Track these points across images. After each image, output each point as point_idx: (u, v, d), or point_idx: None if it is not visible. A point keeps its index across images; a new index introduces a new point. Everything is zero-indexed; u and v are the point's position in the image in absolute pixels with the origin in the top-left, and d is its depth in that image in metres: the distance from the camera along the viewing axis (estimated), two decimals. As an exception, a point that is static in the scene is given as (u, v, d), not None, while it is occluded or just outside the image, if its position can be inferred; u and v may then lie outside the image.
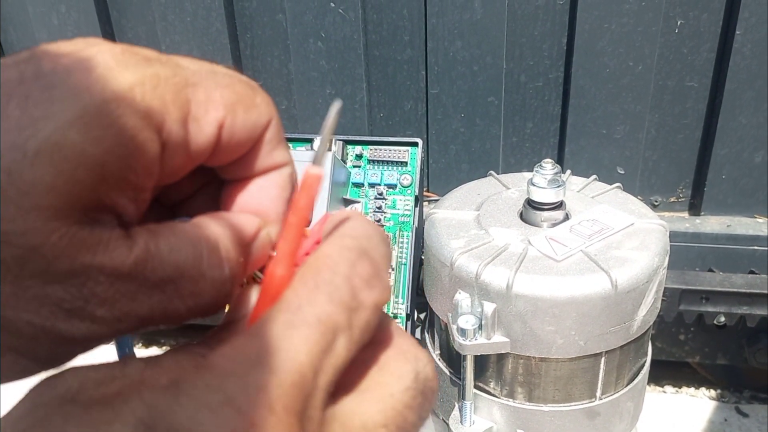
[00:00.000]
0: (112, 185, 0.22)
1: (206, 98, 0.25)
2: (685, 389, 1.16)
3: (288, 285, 0.23)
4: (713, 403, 1.11)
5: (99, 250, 0.22)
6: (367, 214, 0.72)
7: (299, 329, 0.21)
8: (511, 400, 0.61)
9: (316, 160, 0.25)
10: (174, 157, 0.25)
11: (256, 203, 0.28)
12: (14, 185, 0.20)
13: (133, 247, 0.23)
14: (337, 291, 0.23)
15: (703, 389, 1.15)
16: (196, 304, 0.24)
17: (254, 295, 0.26)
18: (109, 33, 1.07)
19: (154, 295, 0.23)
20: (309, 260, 0.24)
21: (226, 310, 0.27)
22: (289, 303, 0.22)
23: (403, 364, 0.25)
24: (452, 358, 0.64)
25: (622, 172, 1.03)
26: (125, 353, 0.27)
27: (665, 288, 0.84)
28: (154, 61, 0.25)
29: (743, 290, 0.91)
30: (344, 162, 0.73)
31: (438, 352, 0.67)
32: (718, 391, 1.15)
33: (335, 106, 0.26)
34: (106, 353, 0.24)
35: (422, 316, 0.73)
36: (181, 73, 0.25)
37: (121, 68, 0.23)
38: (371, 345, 0.24)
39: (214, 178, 0.29)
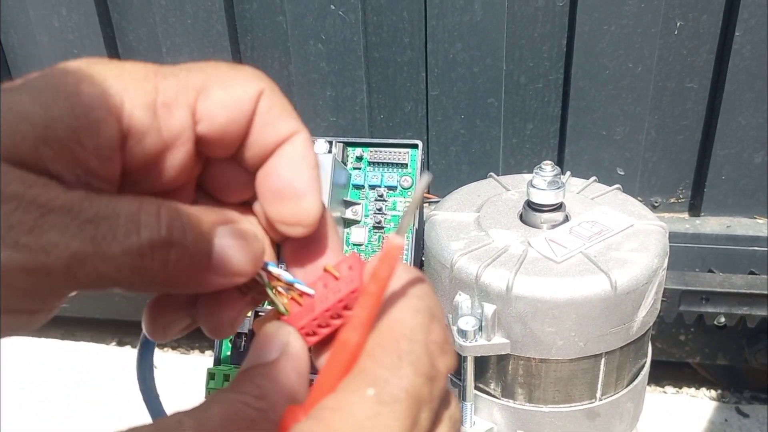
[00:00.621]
0: (56, 152, 0.23)
1: (176, 85, 0.25)
2: (685, 389, 1.16)
3: (362, 352, 0.23)
4: (714, 404, 1.11)
5: (35, 185, 0.22)
6: (367, 216, 0.72)
7: (390, 406, 0.21)
8: (511, 401, 0.61)
9: (400, 230, 0.25)
10: (145, 144, 0.25)
11: (282, 183, 0.27)
12: None
13: (70, 192, 0.23)
14: (419, 361, 0.23)
15: (703, 389, 1.15)
16: (131, 245, 0.22)
17: (282, 334, 0.26)
18: (110, 35, 1.07)
19: (86, 230, 0.22)
20: (383, 326, 0.23)
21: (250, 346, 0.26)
22: (375, 376, 0.22)
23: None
24: (453, 359, 0.65)
25: (622, 173, 1.03)
26: (157, 412, 0.27)
27: (665, 289, 0.84)
28: (126, 62, 0.26)
29: (743, 291, 0.91)
30: (344, 164, 0.73)
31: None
32: (719, 391, 1.15)
33: (425, 179, 0.25)
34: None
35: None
36: (150, 67, 0.25)
37: (90, 64, 0.24)
38: None
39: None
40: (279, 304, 0.27)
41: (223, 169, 0.29)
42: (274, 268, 0.27)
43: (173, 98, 0.25)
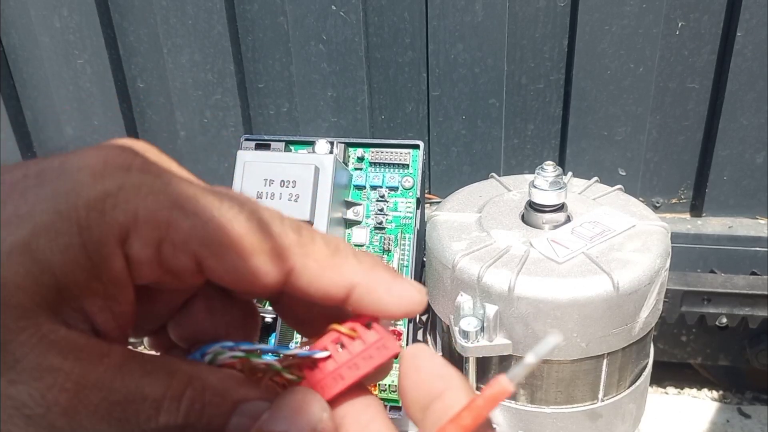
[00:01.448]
0: (78, 292, 0.22)
1: (192, 226, 0.23)
2: (687, 390, 1.16)
3: None
4: (715, 405, 1.11)
5: (70, 353, 0.22)
6: (369, 217, 0.72)
7: None
8: (513, 402, 0.61)
9: (513, 377, 0.24)
10: (144, 271, 0.24)
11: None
12: None
13: (107, 357, 0.22)
14: None
15: (705, 390, 1.15)
16: (148, 430, 0.23)
17: (316, 410, 0.25)
18: (110, 36, 1.07)
19: (114, 412, 0.22)
20: None
21: None
22: None
23: None
24: (454, 360, 0.64)
25: (624, 173, 1.03)
26: None
27: (667, 289, 0.84)
28: (149, 174, 0.24)
29: (745, 291, 0.91)
30: (346, 164, 0.73)
31: (440, 353, 0.67)
32: (720, 392, 1.14)
33: (553, 340, 0.24)
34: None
35: (424, 318, 0.73)
36: (171, 191, 0.23)
37: (103, 176, 0.23)
38: None
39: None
40: (295, 378, 0.26)
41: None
42: (286, 351, 0.26)
43: (182, 242, 0.23)
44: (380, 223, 0.71)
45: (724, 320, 0.94)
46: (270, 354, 0.27)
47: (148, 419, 0.22)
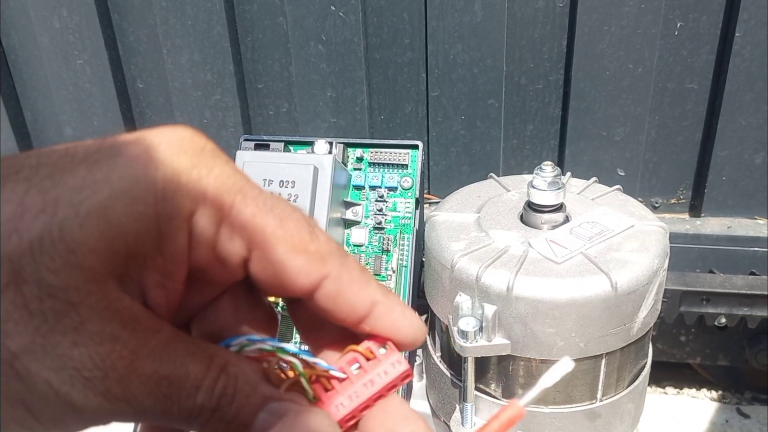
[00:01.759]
0: (142, 263, 0.23)
1: (252, 213, 0.24)
2: (686, 390, 1.16)
3: None
4: (714, 405, 1.11)
5: (129, 323, 0.23)
6: (368, 217, 0.72)
7: None
8: (511, 401, 0.61)
9: (525, 401, 0.25)
10: (200, 251, 0.25)
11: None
12: (64, 241, 0.21)
13: (159, 333, 0.23)
14: None
15: (704, 390, 1.15)
16: (187, 407, 0.24)
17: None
18: (110, 37, 1.07)
19: (161, 387, 0.23)
20: None
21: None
22: None
23: None
24: (453, 360, 0.65)
25: (623, 174, 1.03)
26: None
27: (666, 289, 0.84)
28: (219, 158, 0.25)
29: (744, 291, 0.91)
30: (345, 165, 0.73)
31: (439, 354, 0.67)
32: (719, 392, 1.15)
33: (565, 366, 0.26)
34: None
35: (423, 318, 0.74)
36: (238, 179, 0.25)
37: (179, 152, 0.24)
38: None
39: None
40: (310, 392, 0.27)
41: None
42: (309, 357, 0.27)
43: (240, 226, 0.24)
44: (379, 223, 0.71)
45: (723, 320, 0.94)
46: (292, 355, 0.27)
47: (188, 397, 0.23)
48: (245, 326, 0.28)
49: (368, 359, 0.27)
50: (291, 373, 0.27)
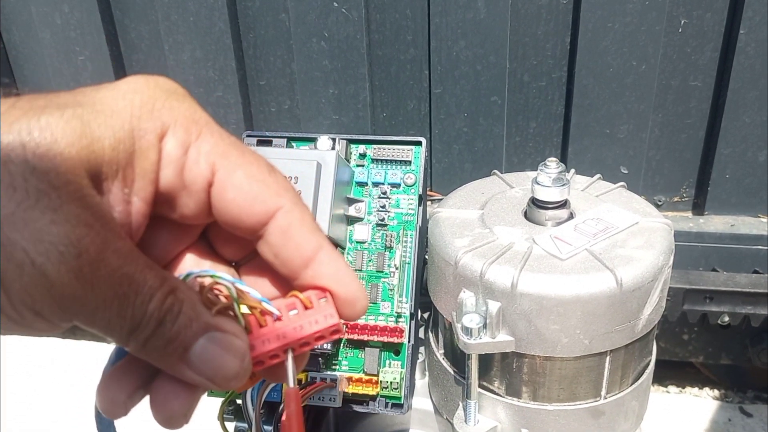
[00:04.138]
0: (114, 173, 0.26)
1: (216, 142, 0.28)
2: (688, 389, 1.16)
3: None
4: (717, 403, 1.11)
5: (101, 218, 0.25)
6: (371, 213, 0.72)
7: None
8: (515, 399, 0.61)
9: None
10: (167, 171, 0.28)
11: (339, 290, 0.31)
12: (49, 130, 0.25)
13: (125, 240, 0.26)
14: None
15: (706, 389, 1.15)
16: (138, 312, 0.26)
17: (240, 349, 0.28)
18: (111, 33, 1.07)
19: (122, 285, 0.25)
20: None
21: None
22: None
23: None
24: (456, 357, 0.64)
25: (626, 171, 1.02)
26: None
27: (669, 288, 0.83)
28: (191, 99, 0.29)
29: (747, 290, 0.91)
30: (348, 161, 0.73)
31: (442, 351, 0.67)
32: (722, 391, 1.14)
33: None
34: None
35: (426, 315, 0.73)
36: (207, 116, 0.29)
37: (156, 86, 0.28)
38: None
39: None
40: (242, 320, 0.29)
41: (228, 235, 0.31)
42: (242, 286, 0.29)
43: (206, 152, 0.28)
44: (382, 219, 0.71)
45: (726, 319, 0.94)
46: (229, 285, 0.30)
47: (142, 303, 0.25)
48: None
49: (306, 308, 0.29)
50: (225, 300, 0.29)
